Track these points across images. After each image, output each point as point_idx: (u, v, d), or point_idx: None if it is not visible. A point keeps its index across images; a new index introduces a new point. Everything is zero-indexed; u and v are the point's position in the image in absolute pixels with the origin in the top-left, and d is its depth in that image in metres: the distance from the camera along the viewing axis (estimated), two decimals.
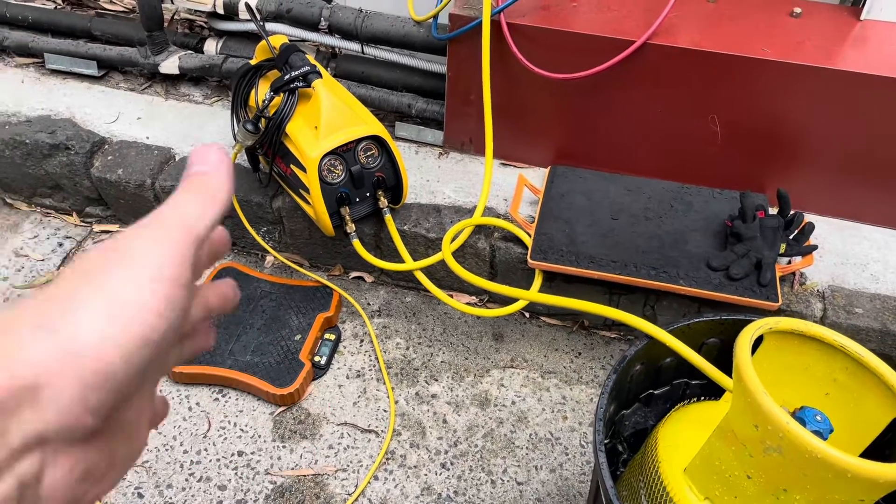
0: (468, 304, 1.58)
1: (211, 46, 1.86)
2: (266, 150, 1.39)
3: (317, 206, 1.36)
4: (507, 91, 1.53)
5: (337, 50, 1.82)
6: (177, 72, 1.82)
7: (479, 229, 1.49)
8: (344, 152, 1.36)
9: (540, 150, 1.63)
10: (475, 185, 1.60)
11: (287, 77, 1.35)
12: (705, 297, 1.33)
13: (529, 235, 1.43)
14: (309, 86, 1.35)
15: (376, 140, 1.38)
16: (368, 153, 1.39)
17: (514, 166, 1.66)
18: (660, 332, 0.96)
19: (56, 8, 2.04)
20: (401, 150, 1.67)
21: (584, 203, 1.49)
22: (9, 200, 1.80)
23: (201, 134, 1.73)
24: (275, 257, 1.64)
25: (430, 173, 1.64)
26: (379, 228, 1.50)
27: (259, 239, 1.61)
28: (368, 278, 1.64)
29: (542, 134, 1.60)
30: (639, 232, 1.42)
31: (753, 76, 1.37)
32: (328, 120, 1.33)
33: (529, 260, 1.39)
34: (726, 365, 0.96)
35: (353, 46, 1.73)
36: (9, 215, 1.78)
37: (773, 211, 1.44)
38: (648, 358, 0.99)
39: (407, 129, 1.72)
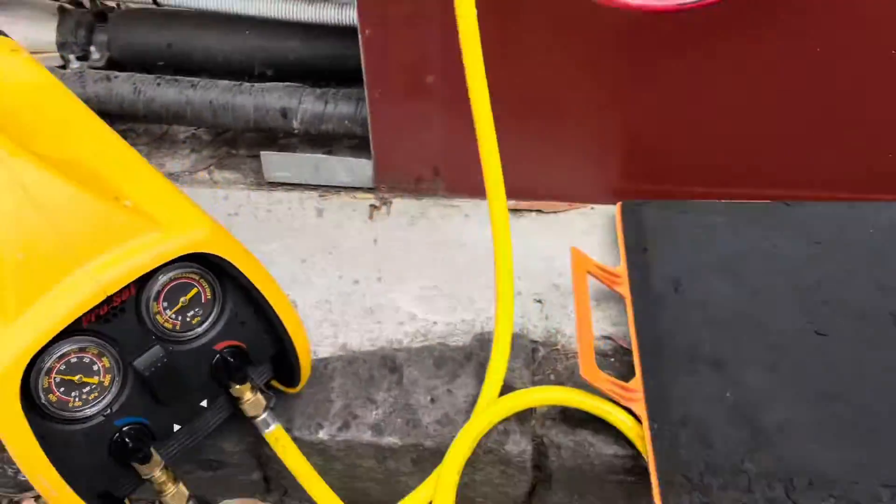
0: None
1: None
2: None
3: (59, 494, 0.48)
4: (516, 58, 0.67)
5: (115, 2, 0.90)
6: None
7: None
8: (105, 318, 0.49)
9: (588, 172, 0.77)
10: (469, 272, 0.73)
11: None
12: None
13: (634, 415, 0.57)
14: None
15: (202, 261, 0.52)
16: (183, 298, 0.52)
17: (536, 211, 0.79)
18: None
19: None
20: (288, 211, 0.78)
21: (725, 296, 0.65)
22: None
23: None
24: None
25: (355, 259, 0.74)
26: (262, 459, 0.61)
27: None
28: None
29: (591, 139, 0.74)
30: None
31: None
32: (27, 237, 0.48)
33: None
34: None
35: None
36: None
37: None
38: None
39: (287, 161, 0.81)
